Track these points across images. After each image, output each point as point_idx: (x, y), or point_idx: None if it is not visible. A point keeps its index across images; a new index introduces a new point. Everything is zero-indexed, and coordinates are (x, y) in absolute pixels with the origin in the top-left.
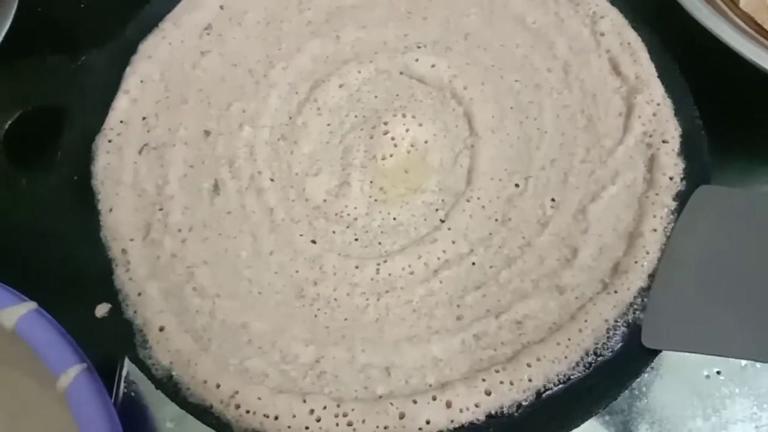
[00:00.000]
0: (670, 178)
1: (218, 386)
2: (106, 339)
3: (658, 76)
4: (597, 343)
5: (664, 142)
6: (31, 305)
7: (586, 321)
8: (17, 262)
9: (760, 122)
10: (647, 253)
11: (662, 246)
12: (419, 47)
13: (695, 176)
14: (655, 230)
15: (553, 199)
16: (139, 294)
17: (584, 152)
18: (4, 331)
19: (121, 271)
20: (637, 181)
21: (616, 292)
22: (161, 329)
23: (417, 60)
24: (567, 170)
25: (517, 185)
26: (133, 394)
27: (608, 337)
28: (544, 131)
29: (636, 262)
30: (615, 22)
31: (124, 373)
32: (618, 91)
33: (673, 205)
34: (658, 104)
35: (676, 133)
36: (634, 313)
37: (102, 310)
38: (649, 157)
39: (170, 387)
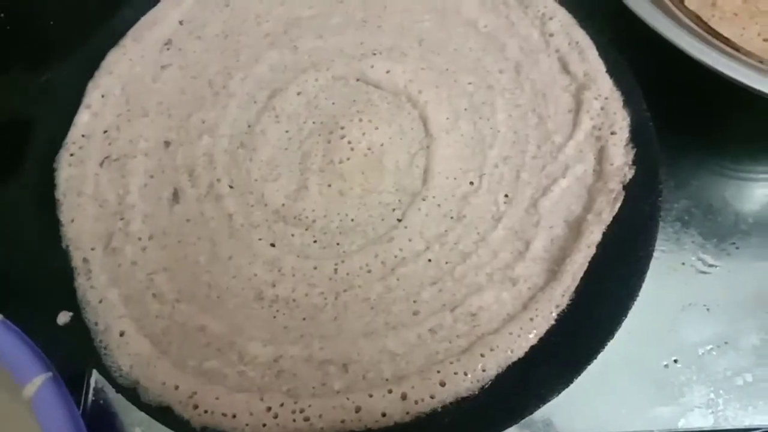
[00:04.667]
0: (619, 168)
1: (176, 387)
2: (70, 346)
3: (607, 71)
4: (549, 330)
5: (612, 133)
6: None
7: (536, 309)
8: None
9: (707, 114)
10: (592, 239)
11: (606, 230)
12: (375, 54)
13: (644, 165)
14: (600, 215)
15: (506, 195)
16: (100, 301)
17: (535, 149)
18: None
19: (82, 280)
20: (587, 173)
21: (564, 279)
22: (121, 334)
23: (372, 66)
24: (519, 167)
25: (471, 183)
26: (101, 401)
27: (559, 324)
28: (497, 130)
29: (581, 249)
30: (563, 23)
31: (92, 381)
32: (567, 88)
33: (621, 192)
34: (606, 98)
35: (624, 124)
36: (582, 298)
37: (64, 317)
38: (598, 149)
39: (131, 390)
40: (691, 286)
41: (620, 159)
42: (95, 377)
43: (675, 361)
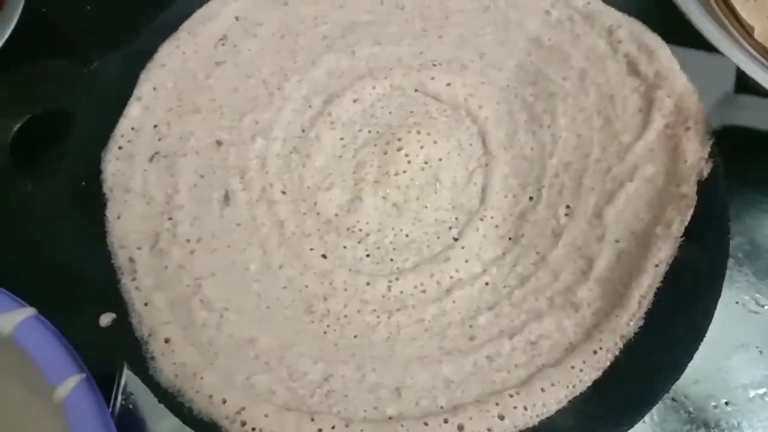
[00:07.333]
0: (693, 166)
1: (224, 402)
2: (109, 349)
3: (681, 68)
4: (612, 365)
5: (687, 129)
6: (30, 311)
7: (601, 340)
8: (20, 267)
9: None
10: (659, 257)
11: (677, 243)
12: (434, 65)
13: (719, 162)
14: (669, 227)
15: (567, 206)
16: (146, 304)
17: (600, 151)
18: (1, 338)
19: (127, 280)
20: (658, 174)
21: (630, 306)
22: (167, 341)
23: (432, 78)
24: (581, 172)
25: (531, 198)
26: (131, 405)
27: (624, 359)
28: (558, 136)
29: (648, 270)
30: (632, 30)
31: (122, 383)
32: (637, 89)
33: (693, 198)
34: (680, 95)
35: (700, 117)
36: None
37: (106, 319)
38: (671, 147)
39: (174, 401)
40: (744, 327)
41: (695, 155)
42: (125, 379)
43: (726, 403)
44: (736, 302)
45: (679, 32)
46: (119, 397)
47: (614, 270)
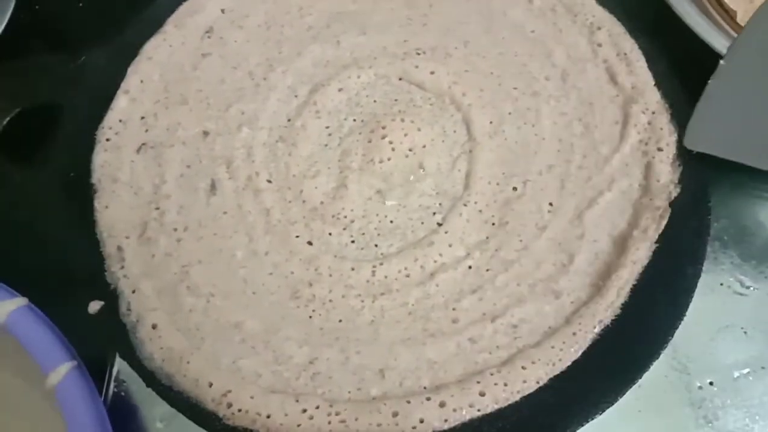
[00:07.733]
0: (665, 185)
1: (210, 385)
2: (99, 336)
3: (655, 84)
4: (592, 346)
5: (659, 149)
6: (22, 301)
7: (579, 324)
8: (10, 257)
9: None
10: (637, 255)
11: (652, 248)
12: (419, 53)
13: (690, 182)
14: (645, 232)
15: (550, 204)
16: (133, 291)
17: (581, 159)
18: None
19: (115, 269)
20: (632, 187)
21: (609, 294)
22: (154, 327)
23: (417, 66)
24: (564, 176)
25: (514, 188)
26: (123, 393)
27: (603, 340)
28: (542, 137)
29: (627, 265)
30: (612, 33)
31: (114, 371)
32: (614, 100)
33: (667, 209)
34: (654, 113)
35: (672, 140)
36: (627, 315)
37: (95, 306)
38: (645, 164)
39: (161, 385)
40: (729, 308)
41: (667, 176)
42: (117, 367)
43: (710, 383)
44: (721, 284)
45: (660, 17)
46: (111, 385)
47: (593, 265)
